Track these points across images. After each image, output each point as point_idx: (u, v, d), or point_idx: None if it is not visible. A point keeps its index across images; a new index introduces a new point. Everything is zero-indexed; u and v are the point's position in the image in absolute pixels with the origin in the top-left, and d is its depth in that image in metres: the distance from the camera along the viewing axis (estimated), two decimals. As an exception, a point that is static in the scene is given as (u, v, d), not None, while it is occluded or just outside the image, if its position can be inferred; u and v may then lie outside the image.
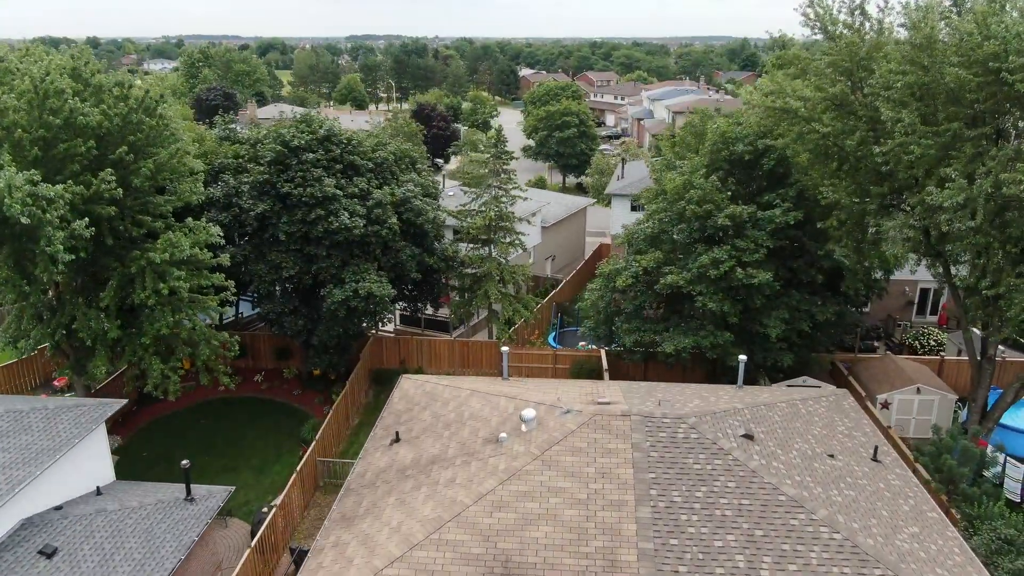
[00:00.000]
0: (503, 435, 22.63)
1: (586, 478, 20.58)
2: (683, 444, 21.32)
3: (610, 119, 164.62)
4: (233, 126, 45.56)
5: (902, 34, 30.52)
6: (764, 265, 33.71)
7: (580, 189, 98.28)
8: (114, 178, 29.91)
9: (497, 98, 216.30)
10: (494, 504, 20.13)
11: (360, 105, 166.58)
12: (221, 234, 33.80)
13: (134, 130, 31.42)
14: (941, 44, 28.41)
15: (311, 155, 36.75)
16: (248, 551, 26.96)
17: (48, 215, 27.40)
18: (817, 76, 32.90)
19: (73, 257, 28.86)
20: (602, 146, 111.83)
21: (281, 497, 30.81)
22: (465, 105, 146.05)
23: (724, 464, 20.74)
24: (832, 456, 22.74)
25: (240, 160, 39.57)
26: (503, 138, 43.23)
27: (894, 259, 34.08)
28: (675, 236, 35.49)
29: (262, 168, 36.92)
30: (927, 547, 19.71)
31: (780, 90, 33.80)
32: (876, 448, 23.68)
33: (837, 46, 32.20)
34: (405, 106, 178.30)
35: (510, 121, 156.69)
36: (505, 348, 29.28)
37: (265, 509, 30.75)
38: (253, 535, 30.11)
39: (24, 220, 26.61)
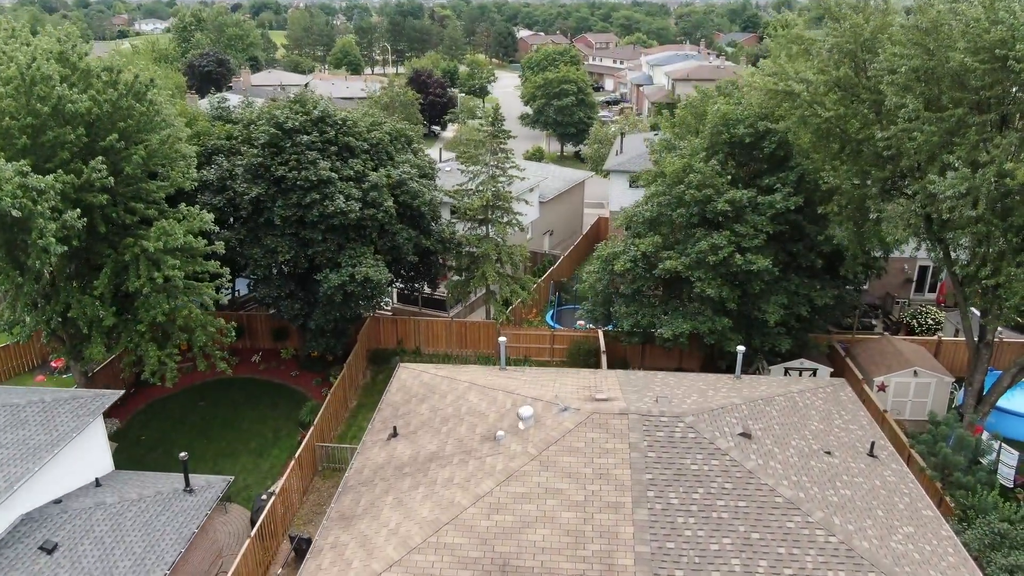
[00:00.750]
0: (500, 433, 22.61)
1: (583, 479, 20.61)
2: (680, 444, 21.32)
3: (609, 83, 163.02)
4: (226, 104, 45.01)
5: (909, 17, 30.00)
6: (763, 250, 33.51)
7: (578, 158, 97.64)
8: (105, 166, 29.54)
9: (494, 61, 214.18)
10: (492, 506, 20.17)
11: (355, 69, 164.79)
12: (214, 219, 33.53)
13: (124, 116, 30.96)
14: (947, 28, 27.97)
15: (305, 137, 36.28)
16: (248, 540, 27.14)
17: (39, 207, 27.11)
18: (820, 58, 32.50)
19: (66, 248, 28.65)
20: (601, 113, 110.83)
21: (280, 483, 30.96)
22: (462, 69, 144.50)
23: (721, 465, 20.76)
24: (829, 453, 22.77)
25: (233, 142, 39.11)
26: (500, 116, 42.53)
27: (894, 242, 33.95)
28: (674, 219, 35.25)
29: (256, 151, 36.47)
30: (921, 548, 19.80)
31: (782, 72, 33.38)
32: (872, 443, 23.69)
33: (840, 27, 31.76)
34: (401, 70, 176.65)
35: (507, 85, 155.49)
36: (503, 339, 29.16)
37: (264, 496, 30.86)
38: (253, 522, 30.28)
39: (15, 213, 26.34)
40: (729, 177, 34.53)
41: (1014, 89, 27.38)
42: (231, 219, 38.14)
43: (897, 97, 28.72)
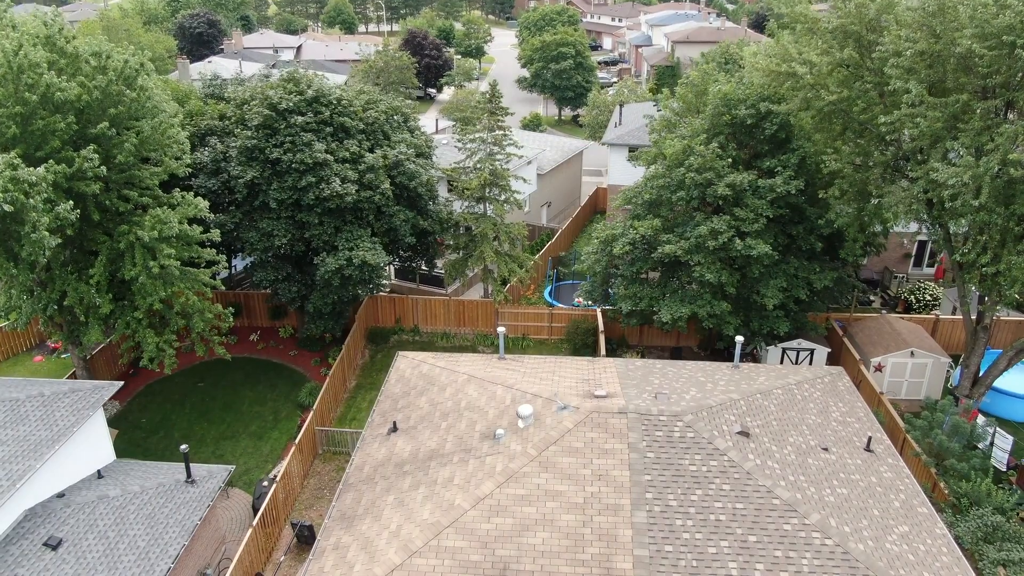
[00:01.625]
0: (500, 431, 22.69)
1: (583, 480, 20.74)
2: (679, 444, 21.43)
3: (607, 42, 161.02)
4: (218, 81, 44.47)
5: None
6: (763, 234, 33.33)
7: (576, 122, 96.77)
8: (97, 155, 29.27)
9: (490, 17, 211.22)
10: (492, 508, 20.32)
11: (349, 28, 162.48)
12: (209, 203, 33.34)
13: (114, 102, 30.57)
14: (954, 10, 27.56)
15: (300, 118, 35.79)
16: (251, 530, 27.43)
17: (32, 200, 26.88)
18: (824, 39, 32.06)
19: (60, 240, 28.51)
20: (599, 74, 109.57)
21: (282, 466, 31.23)
22: (458, 28, 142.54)
23: (720, 465, 20.89)
24: (826, 449, 22.92)
25: (227, 122, 38.68)
26: (498, 93, 42.03)
27: (895, 221, 33.83)
28: (674, 202, 35.07)
29: (250, 132, 36.05)
30: (916, 548, 20.03)
31: (785, 53, 32.99)
32: (869, 439, 23.82)
33: (845, 7, 31.29)
34: (395, 28, 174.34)
35: (504, 44, 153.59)
36: (502, 328, 29.11)
37: (266, 483, 31.11)
38: (255, 508, 30.57)
39: (6, 207, 26.12)
40: (730, 160, 34.24)
41: (1020, 75, 27.10)
42: (226, 202, 37.86)
43: (901, 81, 28.41)
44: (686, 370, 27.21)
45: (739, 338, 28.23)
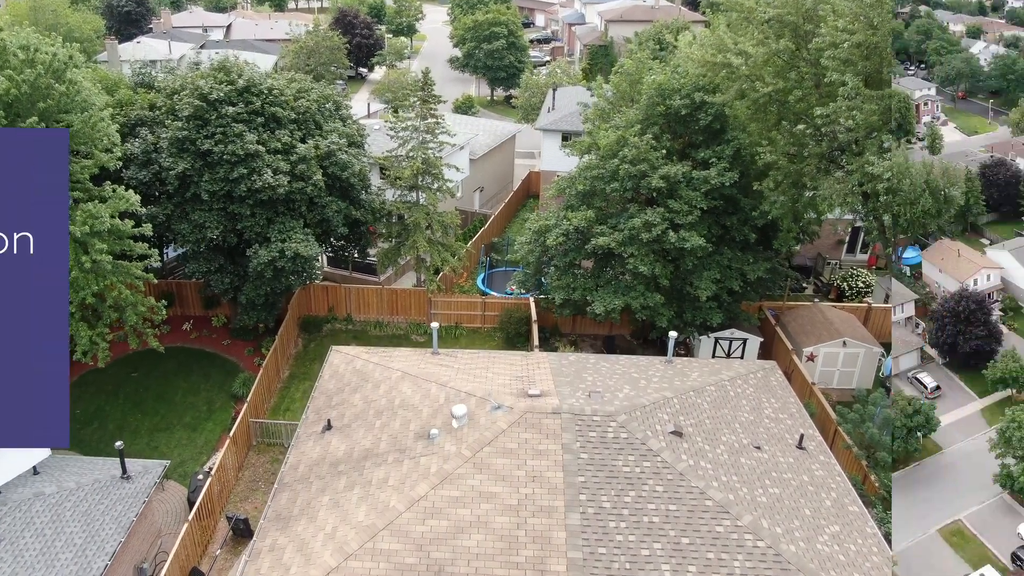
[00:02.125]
0: (434, 431, 22.67)
1: (517, 482, 20.84)
2: (612, 444, 21.65)
3: (540, 19, 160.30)
4: (147, 70, 43.24)
5: None
6: (697, 226, 33.62)
7: (508, 103, 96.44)
8: (24, 148, 28.25)
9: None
10: (427, 511, 20.31)
11: (279, 6, 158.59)
12: (141, 195, 32.63)
13: (43, 96, 29.72)
14: (892, 2, 27.90)
15: (231, 108, 35.06)
16: (186, 524, 27.34)
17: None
18: (760, 29, 32.18)
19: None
20: (532, 52, 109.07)
21: (217, 458, 31.07)
22: (389, 4, 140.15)
23: (653, 467, 21.18)
24: (758, 448, 23.40)
25: (157, 112, 37.70)
26: (430, 80, 41.62)
27: (829, 211, 34.27)
28: (608, 193, 35.18)
29: (180, 123, 35.19)
30: (847, 548, 20.63)
31: (720, 43, 33.11)
32: (801, 436, 24.38)
33: None
34: (326, 4, 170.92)
35: (436, 20, 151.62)
36: (435, 324, 28.94)
37: (200, 476, 30.79)
38: (190, 501, 30.20)
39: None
40: (664, 151, 34.36)
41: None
42: (158, 194, 37.07)
43: (838, 73, 28.63)
44: (620, 365, 27.46)
45: (672, 333, 28.58)
